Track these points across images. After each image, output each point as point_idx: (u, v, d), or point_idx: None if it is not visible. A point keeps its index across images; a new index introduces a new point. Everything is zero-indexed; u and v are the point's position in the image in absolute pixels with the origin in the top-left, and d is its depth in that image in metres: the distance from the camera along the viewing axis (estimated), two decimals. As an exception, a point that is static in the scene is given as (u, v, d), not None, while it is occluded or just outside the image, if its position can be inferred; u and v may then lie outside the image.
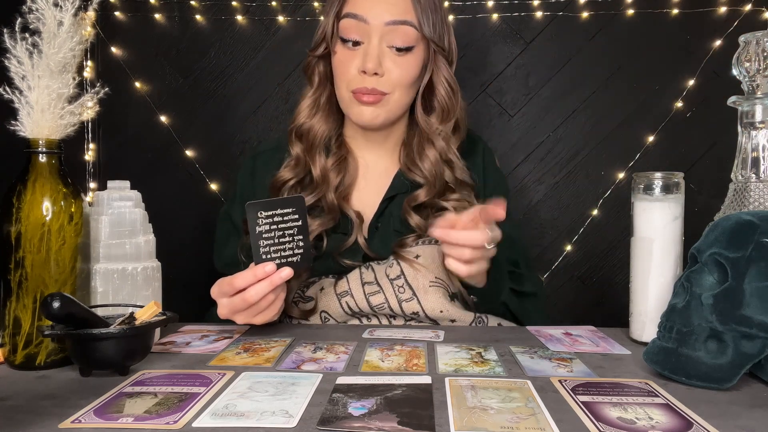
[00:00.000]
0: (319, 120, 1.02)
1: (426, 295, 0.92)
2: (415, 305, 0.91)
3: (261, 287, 0.75)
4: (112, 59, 1.52)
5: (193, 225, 1.54)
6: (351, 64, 0.95)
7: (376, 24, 0.93)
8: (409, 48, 0.95)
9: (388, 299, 0.92)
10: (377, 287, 0.93)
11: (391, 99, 0.96)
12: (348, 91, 0.96)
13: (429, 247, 0.95)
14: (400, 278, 0.93)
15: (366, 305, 0.92)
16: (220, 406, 0.55)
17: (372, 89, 0.94)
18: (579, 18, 1.51)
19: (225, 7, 1.53)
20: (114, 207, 0.78)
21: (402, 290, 0.92)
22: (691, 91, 1.48)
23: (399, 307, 0.92)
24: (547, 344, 0.78)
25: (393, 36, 0.94)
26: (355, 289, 0.93)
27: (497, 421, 0.51)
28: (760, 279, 0.60)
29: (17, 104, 0.70)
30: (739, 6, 1.46)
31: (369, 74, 0.94)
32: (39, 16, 0.69)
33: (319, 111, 1.03)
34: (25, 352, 0.68)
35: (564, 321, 1.50)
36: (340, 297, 0.94)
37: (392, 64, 0.95)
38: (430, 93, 1.02)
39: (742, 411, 0.55)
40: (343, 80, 0.97)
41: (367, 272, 0.95)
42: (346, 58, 0.96)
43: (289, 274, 0.76)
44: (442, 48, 0.99)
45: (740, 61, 0.81)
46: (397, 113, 0.99)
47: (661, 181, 0.78)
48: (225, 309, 0.79)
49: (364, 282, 0.94)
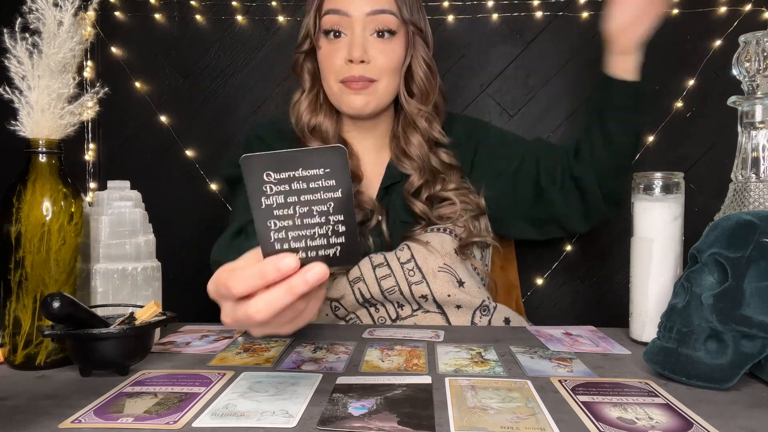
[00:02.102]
0: (324, 117, 1.04)
1: (435, 279, 0.95)
2: (425, 288, 0.94)
3: (274, 297, 0.45)
4: (112, 59, 1.52)
5: (193, 225, 1.54)
6: (336, 56, 0.98)
7: (358, 15, 0.96)
8: (392, 33, 0.98)
9: (398, 282, 0.94)
10: (388, 270, 0.95)
11: (379, 86, 0.99)
12: (337, 82, 0.98)
13: (438, 235, 0.98)
14: (410, 262, 0.96)
15: (377, 290, 0.94)
16: (220, 406, 0.55)
17: (360, 76, 0.96)
18: (579, 18, 1.51)
19: (225, 7, 1.53)
20: (114, 207, 0.78)
21: (412, 273, 0.95)
22: (691, 91, 1.48)
23: (409, 290, 0.94)
24: (547, 344, 0.78)
25: (374, 25, 0.97)
26: (367, 274, 0.95)
27: (497, 421, 0.51)
28: (760, 279, 0.60)
29: (17, 104, 0.70)
30: (739, 6, 1.46)
31: (356, 62, 0.96)
32: (39, 16, 0.69)
33: (322, 108, 1.04)
34: (25, 352, 0.68)
35: (564, 321, 1.50)
36: (353, 284, 0.95)
37: (376, 51, 0.97)
38: (410, 77, 1.04)
39: (742, 411, 0.55)
40: (331, 72, 0.99)
41: (377, 256, 0.97)
42: (330, 51, 0.98)
43: (320, 275, 0.46)
44: (420, 30, 1.01)
45: (740, 61, 0.81)
46: (386, 100, 1.02)
47: (661, 181, 0.79)
48: (227, 319, 0.50)
49: (375, 265, 0.96)
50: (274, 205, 0.46)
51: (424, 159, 1.03)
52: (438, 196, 1.02)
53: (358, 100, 0.98)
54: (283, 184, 0.46)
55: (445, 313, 0.96)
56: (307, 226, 0.47)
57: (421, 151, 1.03)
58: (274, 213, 0.46)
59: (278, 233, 0.47)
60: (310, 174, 0.46)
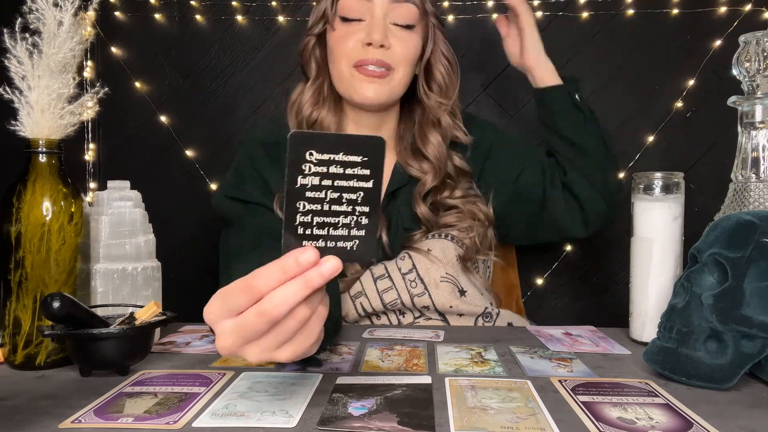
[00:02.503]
0: (327, 111, 0.98)
1: (437, 290, 0.92)
2: (426, 299, 0.92)
3: (290, 291, 0.43)
4: (112, 59, 1.52)
5: (193, 225, 1.54)
6: (351, 39, 0.92)
7: (380, 1, 0.91)
8: (411, 26, 0.94)
9: (400, 295, 0.92)
10: (389, 282, 0.92)
11: (395, 76, 0.94)
12: (349, 66, 0.93)
13: (439, 241, 0.94)
14: (412, 272, 0.92)
15: (379, 303, 0.92)
16: (220, 406, 0.55)
17: (378, 60, 0.91)
18: (579, 18, 1.51)
19: (225, 7, 1.53)
20: (114, 207, 0.78)
21: (414, 284, 0.92)
22: (691, 91, 1.48)
23: (411, 301, 0.92)
24: (547, 344, 0.78)
25: (396, 13, 0.92)
26: (368, 288, 0.92)
27: (497, 421, 0.51)
28: (760, 279, 0.60)
29: (17, 104, 0.70)
30: (739, 6, 1.46)
31: (375, 46, 0.91)
32: (39, 16, 0.69)
33: (326, 101, 0.99)
34: (25, 352, 0.68)
35: (564, 321, 1.50)
36: (354, 299, 0.93)
37: (396, 40, 0.93)
38: (429, 71, 1.00)
39: (742, 411, 0.55)
40: (343, 55, 0.92)
41: (377, 267, 0.94)
42: (346, 33, 0.93)
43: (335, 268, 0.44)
44: (441, 23, 0.99)
45: (740, 61, 0.81)
46: (398, 93, 0.97)
47: (661, 181, 0.78)
48: (228, 338, 0.45)
49: (376, 278, 0.93)
50: (309, 185, 0.45)
51: (442, 160, 0.97)
52: (444, 204, 0.98)
53: (370, 90, 0.92)
54: (322, 166, 0.45)
55: (447, 320, 0.95)
56: (334, 213, 0.46)
57: (440, 151, 0.97)
58: (306, 195, 0.45)
59: (305, 216, 0.46)
60: (349, 160, 0.45)
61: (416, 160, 0.99)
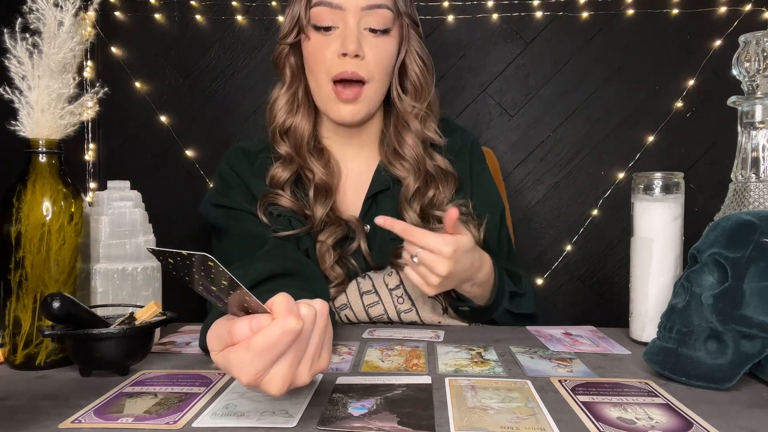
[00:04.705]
0: (302, 118, 0.96)
1: (424, 306, 0.91)
2: (413, 315, 0.91)
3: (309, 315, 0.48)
4: (112, 59, 1.52)
5: (193, 225, 1.54)
6: (327, 50, 0.89)
7: (352, 8, 0.89)
8: (386, 30, 0.91)
9: (387, 310, 0.91)
10: (376, 297, 0.91)
11: (370, 90, 0.91)
12: (328, 81, 0.90)
13: None
14: (399, 288, 0.92)
15: (365, 317, 0.92)
16: (220, 406, 0.55)
17: (353, 73, 0.89)
18: (579, 18, 1.51)
19: (225, 7, 1.53)
20: (114, 207, 0.78)
21: (401, 301, 0.91)
22: (691, 91, 1.48)
23: (398, 317, 0.91)
24: (547, 344, 0.78)
25: (369, 19, 0.90)
26: (354, 301, 0.91)
27: (497, 421, 0.51)
28: (760, 279, 0.60)
29: (17, 104, 0.70)
30: (739, 6, 1.46)
31: (350, 56, 0.88)
32: (39, 16, 0.69)
33: (300, 108, 0.96)
34: (25, 352, 0.68)
35: (564, 321, 1.50)
36: (339, 310, 0.92)
37: (369, 47, 0.90)
38: (403, 73, 0.97)
39: (742, 411, 0.55)
40: (322, 68, 0.90)
41: (364, 281, 0.93)
42: (321, 44, 0.90)
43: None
44: (416, 23, 0.95)
45: (740, 61, 0.81)
46: (376, 105, 0.95)
47: (661, 181, 0.78)
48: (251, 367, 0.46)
49: (362, 292, 0.92)
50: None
51: (419, 160, 0.95)
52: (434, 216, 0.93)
53: (346, 111, 0.91)
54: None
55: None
56: None
57: (416, 151, 0.95)
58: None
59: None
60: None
61: (397, 160, 0.96)
